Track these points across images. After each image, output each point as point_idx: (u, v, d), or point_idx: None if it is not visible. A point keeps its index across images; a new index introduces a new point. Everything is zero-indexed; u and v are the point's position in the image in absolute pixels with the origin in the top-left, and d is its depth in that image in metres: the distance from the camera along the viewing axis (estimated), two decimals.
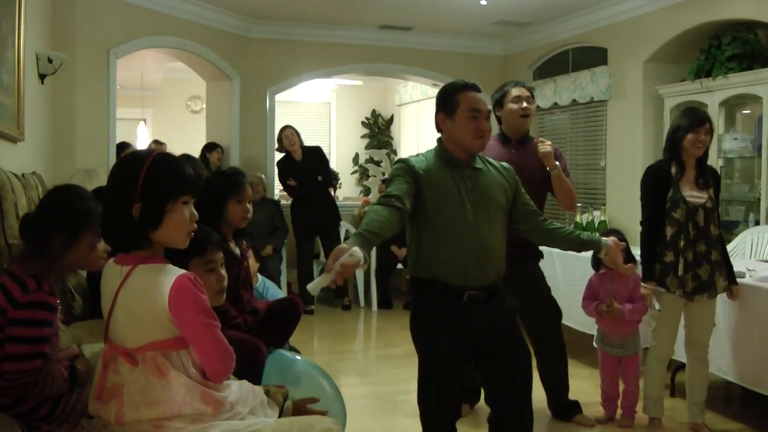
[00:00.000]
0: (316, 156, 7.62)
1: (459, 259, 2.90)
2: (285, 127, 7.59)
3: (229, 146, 8.06)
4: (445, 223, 2.91)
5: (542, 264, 4.32)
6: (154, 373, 2.08)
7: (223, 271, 2.77)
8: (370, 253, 3.16)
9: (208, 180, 3.44)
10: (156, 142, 9.07)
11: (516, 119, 4.10)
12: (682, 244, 3.85)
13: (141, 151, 2.37)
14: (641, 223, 4.03)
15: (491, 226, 2.97)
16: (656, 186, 3.93)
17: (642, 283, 4.03)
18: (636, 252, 4.09)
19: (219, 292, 2.73)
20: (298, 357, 3.50)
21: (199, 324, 2.09)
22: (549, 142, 4.06)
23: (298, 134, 7.54)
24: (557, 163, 4.02)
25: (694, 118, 3.88)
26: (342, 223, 7.86)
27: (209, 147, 7.85)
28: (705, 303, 3.93)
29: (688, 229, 3.86)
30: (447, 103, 3.02)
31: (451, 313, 2.91)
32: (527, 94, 4.14)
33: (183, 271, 2.13)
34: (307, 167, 7.50)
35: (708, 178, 3.96)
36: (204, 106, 9.39)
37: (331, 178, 7.83)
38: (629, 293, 4.16)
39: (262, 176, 7.72)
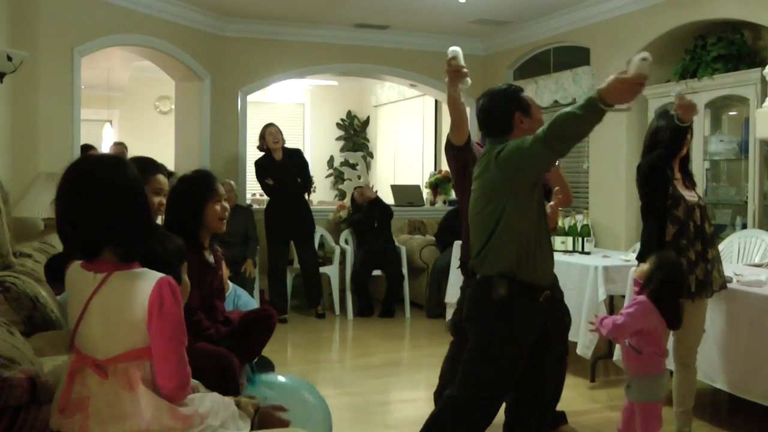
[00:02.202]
0: (296, 158, 7.62)
1: (550, 259, 3.18)
2: (269, 125, 7.58)
3: (200, 149, 8.01)
4: (541, 224, 3.13)
5: None
6: (124, 387, 2.05)
7: (185, 278, 2.73)
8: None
9: (178, 190, 3.39)
10: (117, 144, 8.95)
11: None
12: (684, 243, 3.85)
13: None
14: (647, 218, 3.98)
15: None
16: (662, 181, 3.89)
17: None
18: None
19: None
20: (282, 378, 3.47)
21: (166, 335, 2.07)
22: None
23: (281, 133, 7.54)
24: None
25: (671, 118, 3.90)
26: (317, 228, 7.83)
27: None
28: (701, 304, 3.93)
29: (690, 227, 3.87)
30: (521, 102, 3.21)
31: (536, 312, 3.12)
32: None
33: (161, 274, 2.11)
34: (287, 168, 7.48)
35: (693, 178, 4.03)
36: (173, 107, 9.33)
37: (310, 183, 7.79)
38: None
39: (232, 182, 7.68)
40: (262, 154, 7.58)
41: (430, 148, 10.81)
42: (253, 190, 10.36)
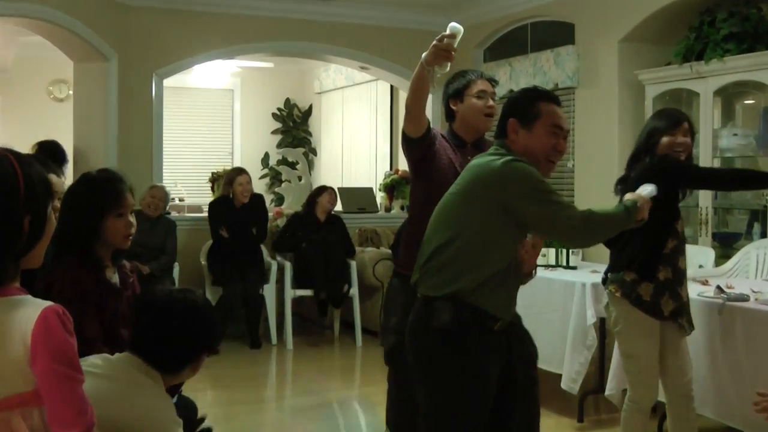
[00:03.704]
0: (257, 205, 7.83)
1: (512, 298, 3.21)
2: (240, 172, 7.84)
3: (105, 144, 7.93)
4: (514, 258, 3.12)
5: None
6: None
7: None
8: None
9: (74, 191, 3.29)
10: None
11: (479, 117, 4.10)
12: (682, 260, 3.93)
13: None
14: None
15: None
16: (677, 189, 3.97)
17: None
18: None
19: None
20: None
21: (56, 375, 2.00)
22: None
23: (251, 183, 7.81)
24: None
25: (669, 118, 4.01)
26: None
27: None
28: (678, 327, 3.97)
29: (684, 244, 3.98)
30: (525, 110, 3.20)
31: (490, 342, 3.09)
32: (492, 90, 4.18)
33: (48, 303, 2.04)
34: (245, 216, 7.71)
35: None
36: (71, 92, 9.21)
37: (266, 233, 7.97)
38: None
39: (165, 188, 7.70)
40: (219, 196, 7.86)
41: (385, 143, 10.79)
42: (171, 194, 10.22)
